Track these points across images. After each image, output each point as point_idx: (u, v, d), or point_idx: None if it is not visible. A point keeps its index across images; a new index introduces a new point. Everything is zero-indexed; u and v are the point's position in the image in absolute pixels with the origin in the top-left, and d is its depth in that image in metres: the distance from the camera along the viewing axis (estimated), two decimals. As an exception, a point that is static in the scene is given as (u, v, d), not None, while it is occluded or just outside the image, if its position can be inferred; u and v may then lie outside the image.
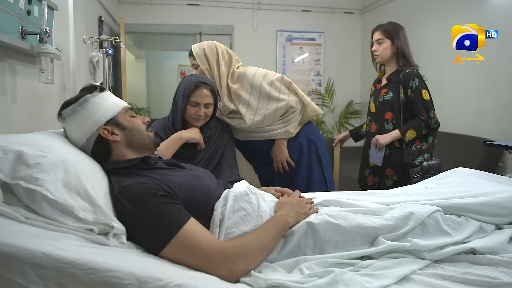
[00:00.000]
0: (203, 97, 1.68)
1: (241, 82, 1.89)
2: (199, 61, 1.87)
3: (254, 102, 1.87)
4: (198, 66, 1.88)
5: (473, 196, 1.27)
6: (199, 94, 1.67)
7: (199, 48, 1.89)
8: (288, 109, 1.90)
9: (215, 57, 1.88)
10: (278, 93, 1.88)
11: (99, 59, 2.32)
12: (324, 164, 2.00)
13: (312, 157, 1.98)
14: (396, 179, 2.17)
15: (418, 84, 2.11)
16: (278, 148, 1.93)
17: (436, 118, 2.12)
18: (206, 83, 1.70)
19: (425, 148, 2.12)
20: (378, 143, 2.15)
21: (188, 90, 1.67)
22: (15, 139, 0.95)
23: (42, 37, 1.47)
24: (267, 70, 1.95)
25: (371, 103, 2.34)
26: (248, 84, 1.88)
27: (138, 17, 4.51)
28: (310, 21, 4.90)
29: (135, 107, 6.88)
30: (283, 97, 1.88)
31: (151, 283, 0.76)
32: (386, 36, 2.20)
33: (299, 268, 0.99)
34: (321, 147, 2.01)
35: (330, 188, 1.98)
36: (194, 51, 1.89)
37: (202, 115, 1.69)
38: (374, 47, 2.25)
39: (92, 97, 1.13)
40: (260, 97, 1.88)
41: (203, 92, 1.68)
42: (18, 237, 0.74)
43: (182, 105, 1.68)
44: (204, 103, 1.69)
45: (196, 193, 1.07)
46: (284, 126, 1.91)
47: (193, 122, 1.72)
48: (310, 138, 1.99)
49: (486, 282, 0.94)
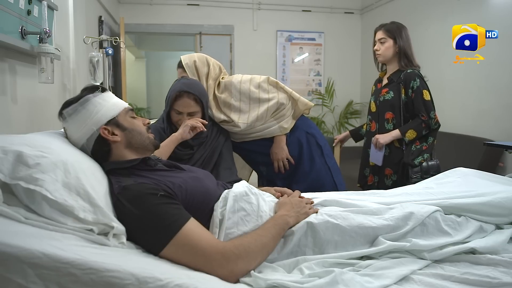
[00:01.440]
0: (185, 106, 1.64)
1: (229, 90, 1.89)
2: (189, 72, 1.86)
3: (245, 107, 1.88)
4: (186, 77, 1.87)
5: (473, 196, 1.27)
6: (180, 104, 1.64)
7: (189, 59, 1.89)
8: (279, 106, 1.90)
9: (206, 70, 1.90)
10: (267, 94, 1.89)
11: (99, 59, 2.32)
12: (326, 152, 2.00)
13: (312, 148, 1.98)
14: (395, 179, 2.17)
15: (419, 84, 2.11)
16: (278, 146, 1.93)
17: (437, 119, 2.11)
18: (189, 91, 1.64)
19: (425, 149, 2.12)
20: (378, 142, 2.15)
21: (171, 98, 1.65)
22: (15, 139, 0.95)
23: (42, 37, 1.47)
24: (252, 75, 1.96)
25: (372, 103, 2.34)
26: (236, 91, 1.88)
27: (138, 17, 4.51)
28: (310, 21, 4.90)
29: (135, 107, 6.88)
30: (272, 96, 1.89)
31: (151, 283, 0.76)
32: (388, 35, 2.19)
33: (299, 268, 0.99)
34: (319, 137, 2.02)
35: (335, 176, 1.98)
36: (183, 62, 1.89)
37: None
38: (377, 46, 2.25)
39: (93, 97, 1.13)
40: (250, 101, 1.88)
41: (185, 102, 1.64)
42: (18, 237, 0.74)
43: (167, 110, 1.68)
44: (187, 112, 1.65)
45: (196, 194, 1.07)
46: (277, 123, 1.90)
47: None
48: (307, 131, 2.00)
49: (486, 282, 0.94)
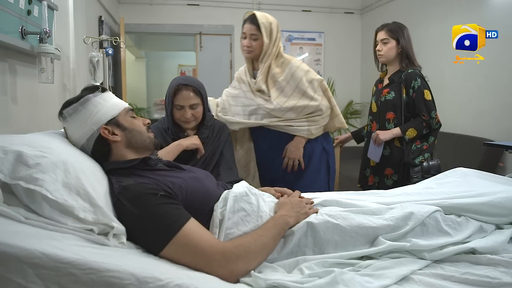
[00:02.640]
0: (185, 99, 1.64)
1: (283, 68, 1.88)
2: (265, 32, 1.81)
3: (288, 91, 1.87)
4: (255, 36, 1.83)
5: (473, 196, 1.27)
6: (180, 97, 1.64)
7: (266, 18, 1.83)
8: (316, 110, 1.90)
9: (275, 35, 1.86)
10: (313, 93, 1.89)
11: (99, 59, 2.32)
12: (331, 175, 2.03)
13: (322, 164, 2.00)
14: (396, 179, 2.17)
15: (420, 84, 2.11)
16: (295, 145, 1.91)
17: (438, 119, 2.12)
18: (187, 84, 1.65)
19: (425, 148, 2.12)
20: (378, 138, 2.15)
21: (171, 94, 1.65)
22: (15, 139, 0.95)
23: (42, 37, 1.47)
24: (310, 68, 1.95)
25: (373, 103, 2.34)
26: (289, 73, 1.87)
27: (138, 17, 4.51)
28: (310, 21, 4.90)
29: (135, 107, 6.88)
30: (316, 97, 1.90)
31: (151, 283, 0.76)
32: (391, 36, 2.18)
33: (299, 268, 0.99)
34: (331, 157, 2.05)
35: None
36: (260, 20, 1.82)
37: (189, 117, 1.66)
38: (379, 47, 2.23)
39: (93, 97, 1.13)
40: (295, 89, 1.88)
41: (184, 94, 1.64)
42: (18, 237, 0.74)
43: (169, 109, 1.68)
44: (189, 105, 1.65)
45: (196, 194, 1.07)
46: (308, 125, 1.90)
47: (184, 125, 1.70)
48: (324, 146, 2.02)
49: (486, 282, 0.94)
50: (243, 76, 2.02)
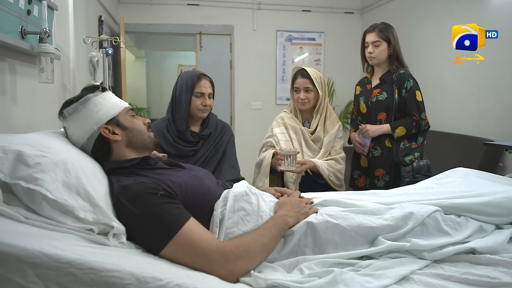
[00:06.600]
0: (206, 87, 1.78)
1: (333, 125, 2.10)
2: (319, 87, 2.01)
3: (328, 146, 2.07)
4: (309, 89, 2.01)
5: (473, 196, 1.27)
6: (202, 85, 1.77)
7: (316, 73, 2.03)
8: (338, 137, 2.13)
9: (325, 88, 2.08)
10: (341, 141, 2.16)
11: (99, 59, 2.32)
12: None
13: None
14: (388, 179, 2.16)
15: (413, 85, 2.12)
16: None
17: (427, 120, 2.12)
18: (206, 75, 1.81)
19: (414, 147, 2.11)
20: (366, 132, 2.15)
21: (192, 82, 1.76)
22: (15, 139, 0.95)
23: (42, 37, 1.47)
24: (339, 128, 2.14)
25: (361, 103, 2.28)
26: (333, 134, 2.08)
27: (138, 17, 4.51)
28: (310, 21, 4.90)
29: (135, 107, 6.88)
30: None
31: (151, 283, 0.76)
32: (382, 38, 2.16)
33: (299, 268, 0.99)
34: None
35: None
36: (312, 76, 2.00)
37: (208, 104, 1.78)
38: (370, 49, 2.19)
39: (93, 96, 1.13)
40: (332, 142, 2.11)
41: (206, 83, 1.78)
42: (18, 237, 0.74)
43: (187, 98, 1.74)
44: (208, 93, 1.78)
45: (196, 193, 1.07)
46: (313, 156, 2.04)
47: (199, 113, 1.78)
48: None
49: (486, 282, 0.94)
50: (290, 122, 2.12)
